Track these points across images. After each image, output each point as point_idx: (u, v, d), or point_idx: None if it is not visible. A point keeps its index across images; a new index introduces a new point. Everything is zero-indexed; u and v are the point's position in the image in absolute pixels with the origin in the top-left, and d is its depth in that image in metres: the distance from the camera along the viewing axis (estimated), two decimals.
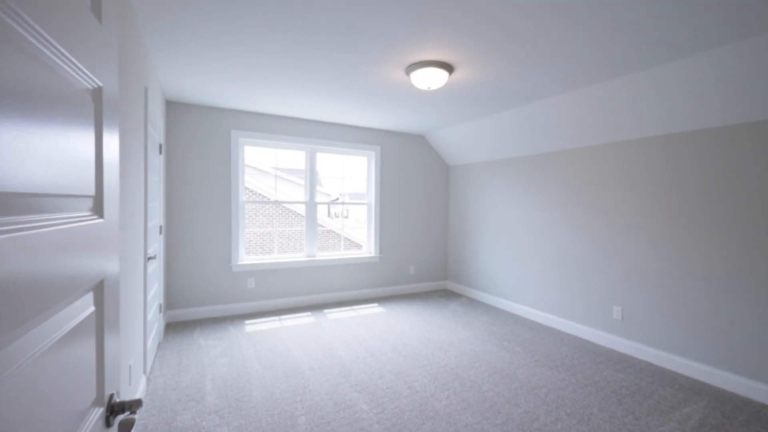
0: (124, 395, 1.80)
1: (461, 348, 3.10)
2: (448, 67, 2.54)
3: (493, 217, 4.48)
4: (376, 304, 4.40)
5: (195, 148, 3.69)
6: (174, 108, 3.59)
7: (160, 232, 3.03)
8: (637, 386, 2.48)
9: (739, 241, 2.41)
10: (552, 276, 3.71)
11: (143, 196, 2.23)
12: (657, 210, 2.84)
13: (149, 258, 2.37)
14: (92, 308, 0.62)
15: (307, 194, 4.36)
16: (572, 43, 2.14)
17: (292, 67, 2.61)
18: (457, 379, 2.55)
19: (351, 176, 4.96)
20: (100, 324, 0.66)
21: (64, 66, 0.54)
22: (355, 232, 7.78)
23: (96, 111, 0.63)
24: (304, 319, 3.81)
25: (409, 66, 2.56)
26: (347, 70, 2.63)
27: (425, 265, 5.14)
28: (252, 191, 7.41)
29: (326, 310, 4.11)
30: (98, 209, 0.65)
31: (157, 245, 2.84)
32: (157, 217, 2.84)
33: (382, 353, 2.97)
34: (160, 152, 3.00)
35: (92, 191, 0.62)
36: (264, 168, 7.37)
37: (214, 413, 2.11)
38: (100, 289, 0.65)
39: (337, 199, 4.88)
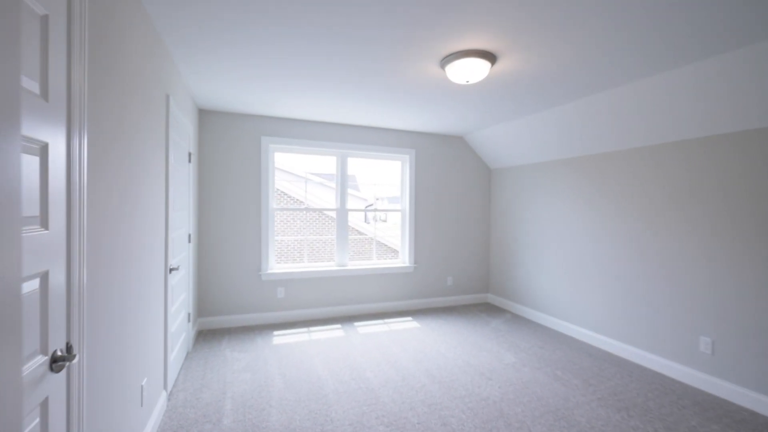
0: (134, 418, 1.68)
1: (506, 376, 2.72)
2: (490, 57, 2.21)
3: (542, 225, 4.01)
4: (410, 318, 4.11)
5: (226, 155, 3.67)
6: (206, 116, 3.59)
7: (189, 241, 2.99)
8: None
9: None
10: (616, 294, 3.18)
11: (164, 206, 2.15)
12: (750, 223, 2.27)
13: (171, 269, 2.30)
14: None
15: (338, 201, 4.19)
16: (630, 29, 1.73)
17: (318, 67, 2.43)
18: (501, 416, 2.19)
19: (385, 181, 4.73)
20: None
21: None
22: (395, 239, 7.51)
23: None
24: (334, 332, 3.62)
25: (445, 58, 2.27)
26: (376, 66, 2.40)
27: (464, 276, 4.76)
28: (286, 194, 7.45)
29: (357, 323, 3.89)
30: None
31: (184, 254, 2.79)
32: (184, 226, 2.80)
33: (415, 378, 2.68)
34: (189, 160, 2.97)
35: None
36: (296, 172, 7.39)
37: None
38: None
39: (372, 205, 4.68)
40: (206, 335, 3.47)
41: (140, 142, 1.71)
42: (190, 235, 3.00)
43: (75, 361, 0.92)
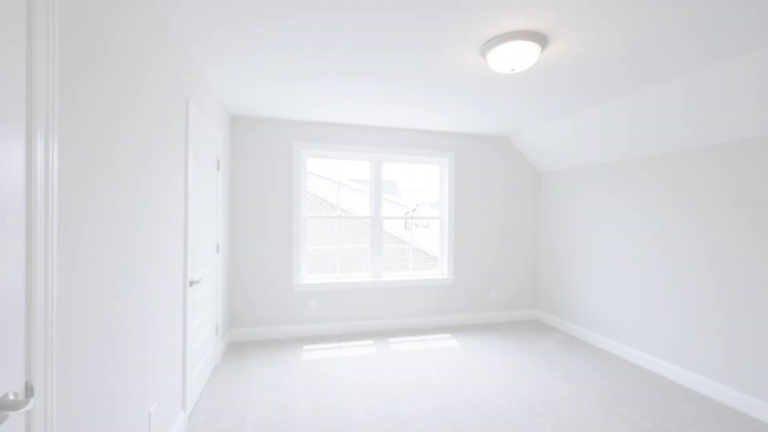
0: None
1: (559, 412, 2.31)
2: (540, 39, 1.88)
3: (602, 233, 3.50)
4: (448, 335, 3.77)
5: (257, 162, 3.61)
6: (238, 122, 3.56)
7: (218, 251, 2.92)
8: None
9: None
10: (696, 317, 2.64)
11: (182, 216, 2.05)
12: None
13: (192, 282, 2.20)
14: None
15: (372, 208, 3.98)
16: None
17: (341, 61, 2.24)
18: None
19: (427, 186, 4.44)
20: None
21: None
22: (437, 247, 7.17)
23: None
24: (366, 348, 3.38)
25: (486, 43, 1.97)
26: (407, 60, 2.16)
27: (510, 290, 4.32)
28: (326, 201, 7.39)
29: (391, 339, 3.63)
30: None
31: (210, 266, 2.72)
32: (211, 236, 2.73)
33: (451, 408, 2.36)
34: (218, 168, 2.91)
35: None
36: (332, 177, 7.31)
37: None
38: None
39: (413, 210, 4.41)
40: (236, 348, 3.39)
41: (150, 148, 1.60)
42: (218, 245, 2.93)
43: (28, 407, 0.77)
